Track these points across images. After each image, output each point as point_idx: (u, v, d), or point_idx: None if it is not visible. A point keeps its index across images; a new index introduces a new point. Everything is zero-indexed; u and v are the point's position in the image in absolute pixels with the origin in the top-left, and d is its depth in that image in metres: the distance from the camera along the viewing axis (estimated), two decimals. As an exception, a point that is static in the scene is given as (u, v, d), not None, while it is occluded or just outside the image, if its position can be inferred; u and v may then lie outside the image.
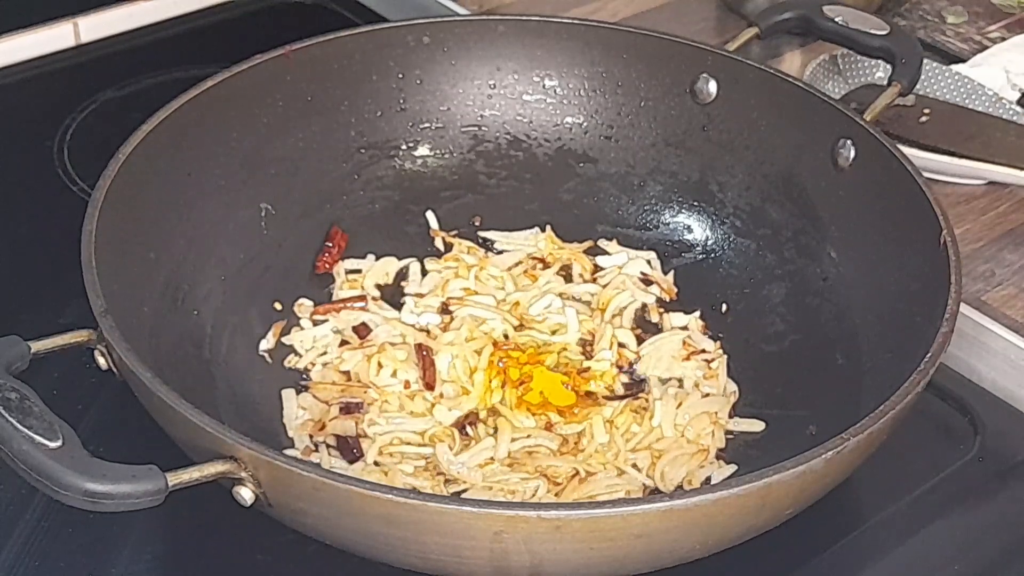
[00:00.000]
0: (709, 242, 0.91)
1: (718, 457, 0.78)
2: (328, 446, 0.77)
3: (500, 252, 0.91)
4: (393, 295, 0.88)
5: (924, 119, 1.01)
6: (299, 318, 0.85)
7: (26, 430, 0.59)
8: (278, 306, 0.85)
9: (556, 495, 0.74)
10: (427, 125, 0.93)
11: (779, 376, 0.82)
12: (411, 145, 0.93)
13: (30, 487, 0.59)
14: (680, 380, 0.83)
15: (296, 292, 0.86)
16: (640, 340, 0.85)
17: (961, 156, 0.99)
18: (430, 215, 0.92)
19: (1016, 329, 0.86)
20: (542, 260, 0.90)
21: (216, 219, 0.84)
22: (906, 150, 0.83)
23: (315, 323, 0.85)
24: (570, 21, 0.94)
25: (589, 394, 0.81)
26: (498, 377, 0.81)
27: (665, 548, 0.64)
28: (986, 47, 1.13)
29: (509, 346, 0.83)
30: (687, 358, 0.84)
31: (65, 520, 0.72)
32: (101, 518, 0.66)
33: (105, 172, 0.76)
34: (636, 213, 0.93)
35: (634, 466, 0.77)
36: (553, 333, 0.85)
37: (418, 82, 0.93)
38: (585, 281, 0.89)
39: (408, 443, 0.77)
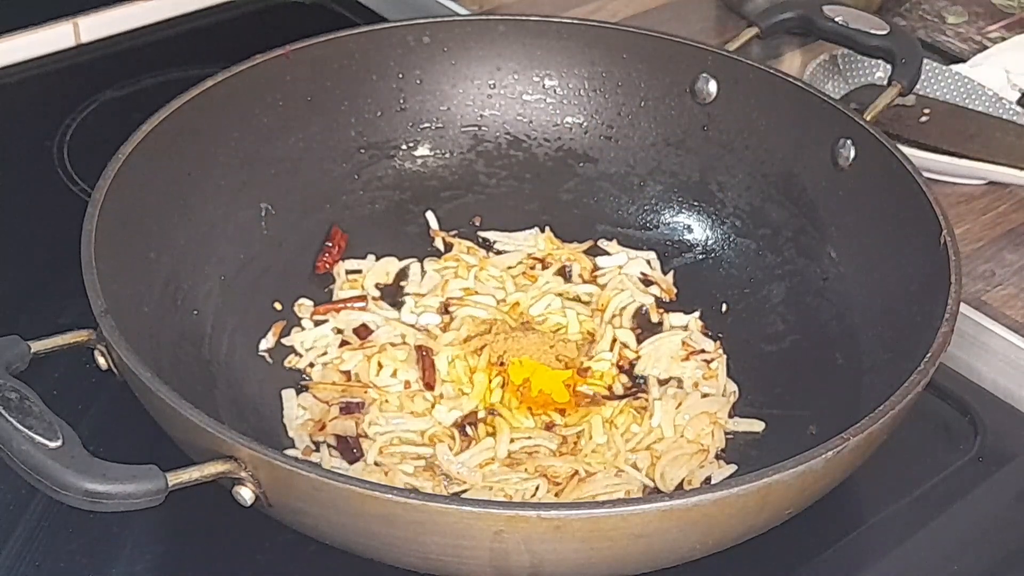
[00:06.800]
0: (709, 242, 0.91)
1: (718, 457, 0.78)
2: (328, 446, 0.77)
3: (500, 252, 0.91)
4: (393, 295, 0.88)
5: (924, 119, 1.00)
6: (299, 318, 0.85)
7: (26, 430, 0.59)
8: (278, 306, 0.85)
9: (556, 495, 0.74)
10: (427, 125, 0.93)
11: (779, 376, 0.82)
12: (411, 145, 0.93)
13: (30, 487, 0.59)
14: (680, 380, 0.83)
15: (296, 292, 0.86)
16: (640, 340, 0.85)
17: (961, 156, 0.99)
18: (430, 215, 0.92)
19: (1016, 329, 0.86)
20: (542, 260, 0.90)
21: (216, 219, 0.84)
22: (906, 150, 0.83)
23: (315, 323, 0.85)
24: (570, 21, 0.94)
25: (589, 394, 0.81)
26: (498, 377, 0.81)
27: (665, 548, 0.64)
28: (986, 47, 1.13)
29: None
30: (687, 358, 0.84)
31: (65, 520, 0.72)
32: (101, 518, 0.66)
33: (105, 172, 0.76)
34: (636, 213, 0.93)
35: (634, 466, 0.77)
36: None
37: (418, 82, 0.93)
38: (585, 281, 0.89)
39: (408, 443, 0.77)
